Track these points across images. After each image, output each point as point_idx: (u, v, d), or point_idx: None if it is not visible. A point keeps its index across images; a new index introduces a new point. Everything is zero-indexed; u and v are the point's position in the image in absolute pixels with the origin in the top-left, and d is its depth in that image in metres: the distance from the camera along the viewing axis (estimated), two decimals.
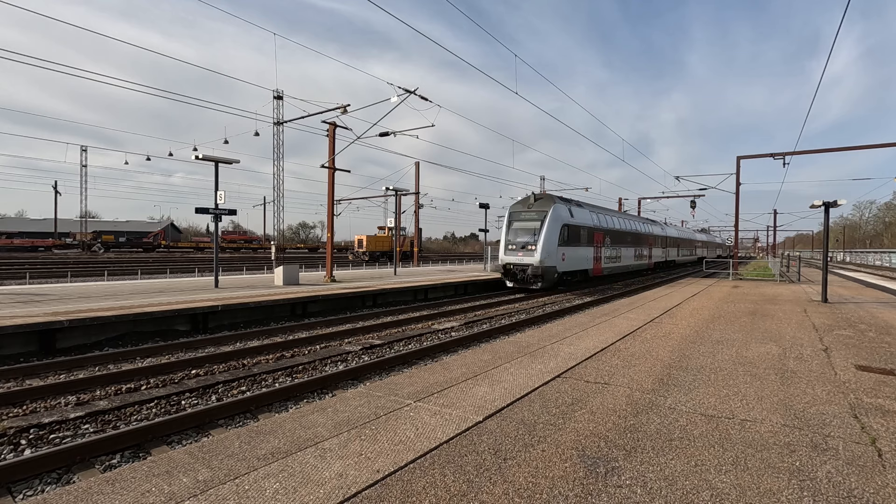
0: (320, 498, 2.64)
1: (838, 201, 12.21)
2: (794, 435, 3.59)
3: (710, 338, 7.44)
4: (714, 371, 5.41)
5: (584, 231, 21.76)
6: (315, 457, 3.15)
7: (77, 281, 21.51)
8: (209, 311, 10.90)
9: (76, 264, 33.36)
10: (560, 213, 19.64)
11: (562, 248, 19.37)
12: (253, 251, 69.76)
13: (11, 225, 72.71)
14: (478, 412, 4.01)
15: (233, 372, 7.44)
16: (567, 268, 19.95)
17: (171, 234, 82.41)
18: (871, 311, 10.90)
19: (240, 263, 37.13)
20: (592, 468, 3.03)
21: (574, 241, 20.64)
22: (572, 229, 20.37)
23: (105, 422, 5.47)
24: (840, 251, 78.96)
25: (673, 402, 4.31)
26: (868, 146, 21.70)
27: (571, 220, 20.42)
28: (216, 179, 15.25)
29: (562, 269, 19.42)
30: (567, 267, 19.94)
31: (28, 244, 59.31)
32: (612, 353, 6.35)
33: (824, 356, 6.25)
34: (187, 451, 3.25)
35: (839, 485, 2.84)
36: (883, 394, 4.64)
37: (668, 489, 2.78)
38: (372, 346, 9.36)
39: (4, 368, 7.08)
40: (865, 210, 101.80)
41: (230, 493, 2.68)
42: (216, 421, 5.53)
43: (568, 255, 19.85)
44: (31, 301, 11.29)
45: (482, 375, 5.15)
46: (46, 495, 2.66)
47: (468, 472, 2.97)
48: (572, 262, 20.42)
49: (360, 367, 7.58)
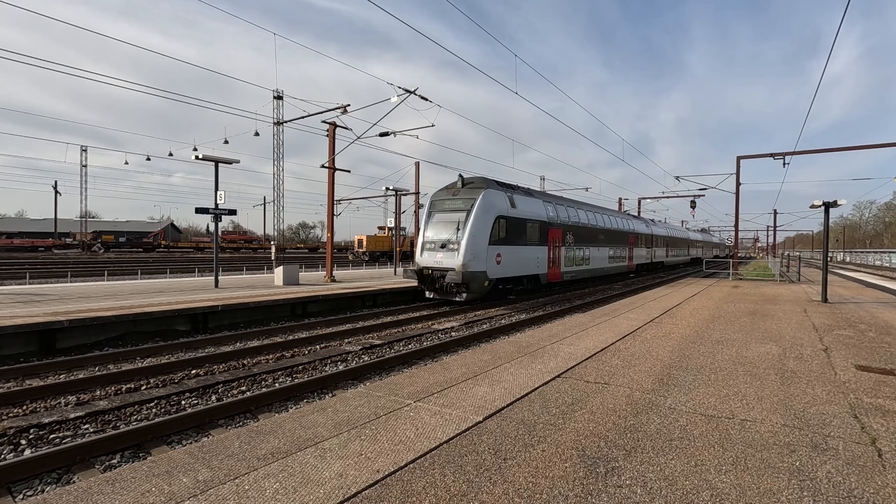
0: (320, 498, 2.64)
1: (838, 201, 12.21)
2: (794, 435, 3.59)
3: (710, 338, 7.44)
4: (714, 371, 5.41)
5: (533, 226, 17.42)
6: (315, 457, 3.15)
7: (77, 281, 21.51)
8: (209, 311, 10.90)
9: (76, 264, 33.35)
10: (493, 201, 15.27)
11: (496, 248, 15.08)
12: (253, 251, 69.79)
13: (11, 225, 72.77)
14: (478, 412, 4.00)
15: (233, 372, 7.44)
16: (505, 272, 15.68)
17: (171, 234, 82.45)
18: (871, 311, 10.89)
19: (240, 263, 37.14)
20: (592, 468, 3.02)
21: (516, 238, 16.30)
22: (513, 223, 16.05)
23: (105, 422, 5.47)
24: (840, 251, 78.97)
25: (673, 402, 4.31)
26: (868, 146, 21.71)
27: (512, 212, 16.06)
28: (216, 179, 15.26)
29: (496, 273, 15.11)
30: (505, 272, 15.64)
31: (28, 244, 59.33)
32: (612, 353, 6.35)
33: (824, 356, 6.25)
34: (187, 451, 3.25)
35: (839, 485, 2.84)
36: (883, 394, 4.64)
37: (668, 489, 2.78)
38: (372, 346, 9.35)
39: (4, 368, 7.07)
40: (865, 210, 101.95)
41: (230, 493, 2.68)
42: (216, 421, 5.53)
43: (507, 257, 15.62)
44: (31, 301, 11.29)
45: (482, 375, 5.15)
46: (46, 495, 2.66)
47: (468, 472, 2.97)
48: (514, 265, 16.17)
49: (360, 367, 7.58)
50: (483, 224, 14.70)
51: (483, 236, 14.60)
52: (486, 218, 14.85)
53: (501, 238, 15.42)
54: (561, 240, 19.53)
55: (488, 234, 14.74)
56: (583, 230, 21.86)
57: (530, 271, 17.42)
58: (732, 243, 33.61)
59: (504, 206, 15.79)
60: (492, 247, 14.86)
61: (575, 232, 20.92)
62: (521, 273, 16.80)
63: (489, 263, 14.74)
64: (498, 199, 15.64)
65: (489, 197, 15.23)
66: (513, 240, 16.11)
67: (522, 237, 16.77)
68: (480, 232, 14.55)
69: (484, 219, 14.75)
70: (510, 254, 15.93)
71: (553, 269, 19.00)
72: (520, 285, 17.48)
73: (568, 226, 20.23)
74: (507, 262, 15.72)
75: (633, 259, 29.42)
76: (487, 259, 14.65)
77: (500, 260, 15.31)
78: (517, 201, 16.73)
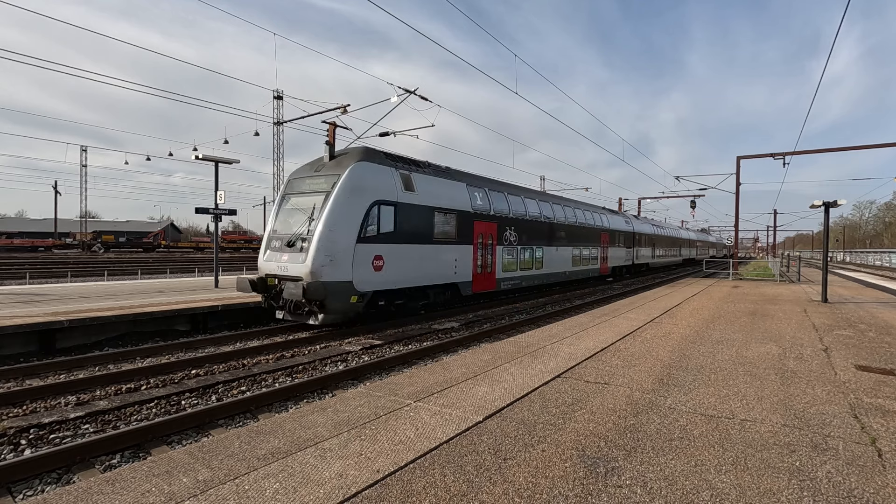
0: (320, 498, 2.64)
1: (838, 201, 12.22)
2: (794, 435, 3.59)
3: (710, 338, 7.44)
4: (714, 371, 5.41)
5: (447, 217, 12.99)
6: (315, 457, 3.15)
7: (77, 281, 21.52)
8: (209, 311, 10.89)
9: (76, 264, 33.33)
10: (367, 178, 10.76)
11: (372, 247, 10.61)
12: (253, 251, 69.74)
13: (11, 225, 72.81)
14: (478, 412, 4.01)
15: (233, 372, 7.44)
16: (392, 282, 11.17)
17: (171, 234, 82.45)
18: (871, 311, 10.90)
19: (240, 263, 37.12)
20: (592, 468, 3.02)
21: (414, 232, 11.80)
22: (407, 212, 11.59)
23: (105, 422, 5.47)
24: (840, 251, 78.98)
25: (673, 402, 4.31)
26: (868, 146, 21.72)
27: (406, 196, 11.56)
28: (216, 179, 15.25)
29: (374, 284, 10.67)
30: (392, 280, 11.16)
31: (28, 244, 59.34)
32: (612, 353, 6.35)
33: (824, 356, 6.25)
34: (187, 451, 3.25)
35: (839, 485, 2.84)
36: (883, 394, 4.64)
37: (668, 489, 2.78)
38: (372, 345, 9.35)
39: (4, 368, 7.07)
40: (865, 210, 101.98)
41: (230, 493, 2.68)
42: (216, 421, 5.53)
43: (394, 260, 11.15)
44: (31, 301, 11.28)
45: (482, 375, 5.15)
46: (46, 495, 2.66)
47: (468, 472, 2.97)
48: (408, 270, 11.66)
49: (359, 367, 7.58)
50: (348, 212, 10.20)
51: (347, 230, 10.13)
52: (355, 203, 10.34)
53: (384, 234, 10.91)
54: (496, 237, 15.29)
55: (357, 228, 10.27)
56: (532, 225, 17.54)
57: (442, 279, 12.87)
58: (730, 242, 33.33)
59: (390, 186, 11.24)
60: (364, 245, 10.39)
61: (519, 227, 16.73)
62: (422, 282, 12.20)
63: (359, 270, 10.27)
64: (378, 178, 11.02)
65: (360, 173, 10.63)
66: (407, 236, 11.59)
67: (425, 232, 12.25)
68: (343, 223, 10.08)
69: (350, 204, 10.26)
70: (400, 255, 11.38)
71: (483, 275, 14.66)
72: (424, 299, 12.71)
73: (508, 219, 16.00)
74: (394, 267, 11.19)
75: (607, 261, 25.38)
76: (355, 263, 10.18)
77: (380, 265, 10.79)
78: (418, 182, 12.17)
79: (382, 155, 11.75)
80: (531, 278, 17.73)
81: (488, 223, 14.95)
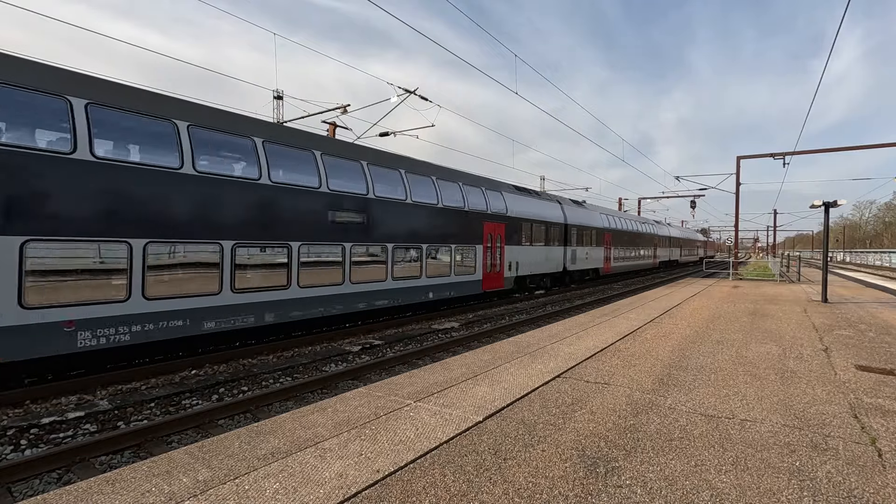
0: (320, 498, 2.64)
1: (838, 201, 12.21)
2: (794, 435, 3.59)
3: (710, 338, 7.43)
4: (714, 371, 5.41)
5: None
6: (315, 457, 3.15)
7: None
8: None
9: None
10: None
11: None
12: None
13: None
14: (478, 412, 4.00)
15: (233, 372, 7.44)
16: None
17: None
18: (871, 311, 10.89)
19: None
20: (592, 468, 3.02)
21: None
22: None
23: (105, 422, 5.47)
24: (840, 251, 78.97)
25: (673, 402, 4.31)
26: (868, 146, 21.72)
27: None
28: None
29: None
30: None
31: None
32: (612, 353, 6.35)
33: (824, 356, 6.25)
34: (187, 451, 3.25)
35: (839, 485, 2.84)
36: (883, 394, 4.64)
37: (668, 489, 2.77)
38: (372, 345, 9.35)
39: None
40: (865, 210, 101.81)
41: (230, 493, 2.68)
42: (216, 421, 5.53)
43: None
44: None
45: (482, 375, 5.15)
46: (46, 495, 2.65)
47: (468, 472, 2.97)
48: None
49: (360, 367, 7.58)
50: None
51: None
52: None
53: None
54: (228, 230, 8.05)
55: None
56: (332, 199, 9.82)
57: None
58: (724, 241, 32.85)
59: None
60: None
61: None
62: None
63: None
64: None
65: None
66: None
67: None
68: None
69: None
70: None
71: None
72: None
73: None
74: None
75: (522, 265, 16.78)
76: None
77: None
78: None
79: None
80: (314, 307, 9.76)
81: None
